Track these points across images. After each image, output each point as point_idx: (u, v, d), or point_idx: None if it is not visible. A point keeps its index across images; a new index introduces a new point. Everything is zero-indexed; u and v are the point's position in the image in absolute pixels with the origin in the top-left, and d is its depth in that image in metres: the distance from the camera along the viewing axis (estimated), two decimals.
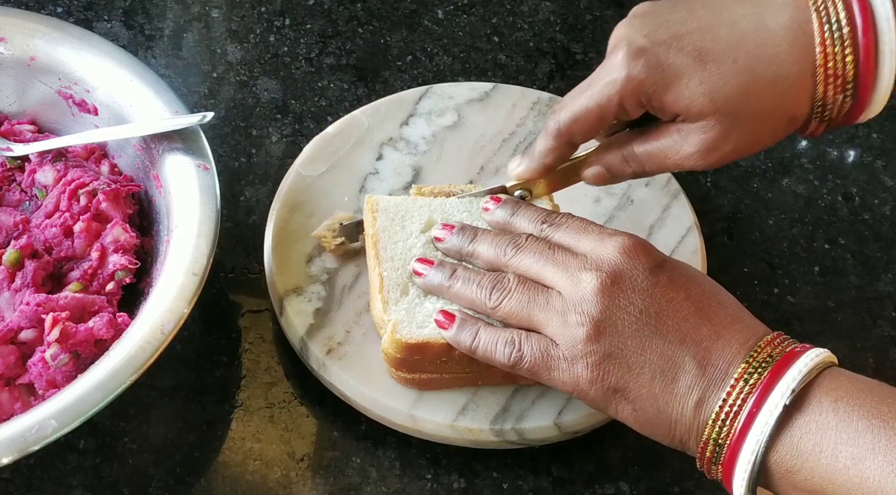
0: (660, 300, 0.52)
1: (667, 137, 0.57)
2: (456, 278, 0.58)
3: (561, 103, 0.59)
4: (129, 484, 0.60)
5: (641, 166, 0.59)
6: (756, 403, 0.48)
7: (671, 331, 0.51)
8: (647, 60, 0.55)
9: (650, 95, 0.55)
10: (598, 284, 0.52)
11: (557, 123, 0.58)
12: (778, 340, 0.51)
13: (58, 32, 0.69)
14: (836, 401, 0.48)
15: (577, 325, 0.52)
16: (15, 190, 0.67)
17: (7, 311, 0.60)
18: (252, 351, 0.66)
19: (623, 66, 0.55)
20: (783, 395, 0.48)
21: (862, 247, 0.75)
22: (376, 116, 0.74)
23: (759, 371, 0.49)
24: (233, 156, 0.76)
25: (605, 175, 0.61)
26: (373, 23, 0.85)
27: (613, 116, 0.57)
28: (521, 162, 0.62)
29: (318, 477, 0.61)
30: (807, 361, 0.49)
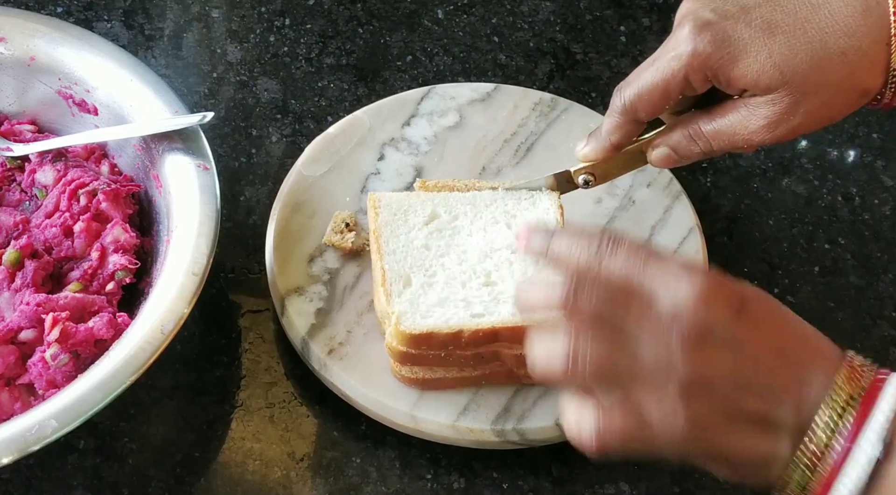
0: (748, 351, 0.48)
1: (734, 113, 0.56)
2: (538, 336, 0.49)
3: (626, 80, 0.58)
4: (129, 484, 0.60)
5: (709, 144, 0.58)
6: (846, 450, 0.46)
7: (762, 383, 0.48)
8: (713, 34, 0.54)
9: (717, 69, 0.55)
10: (685, 344, 0.46)
11: (622, 100, 0.58)
12: (856, 372, 0.47)
13: (58, 32, 0.69)
14: None
15: (668, 381, 0.47)
16: (15, 190, 0.67)
17: (7, 311, 0.60)
18: (252, 351, 0.66)
19: (689, 41, 0.54)
20: (873, 445, 0.45)
21: (862, 247, 0.75)
22: (378, 116, 0.74)
23: (846, 415, 0.46)
24: (233, 156, 0.76)
25: (672, 156, 0.60)
26: (373, 23, 0.85)
27: (679, 91, 0.56)
28: (588, 142, 0.61)
29: (318, 477, 0.61)
30: (890, 402, 0.46)
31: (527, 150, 0.73)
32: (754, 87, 0.54)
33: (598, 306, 0.48)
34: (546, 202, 0.64)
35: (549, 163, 0.72)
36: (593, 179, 0.63)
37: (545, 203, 0.64)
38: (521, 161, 0.72)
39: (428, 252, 0.61)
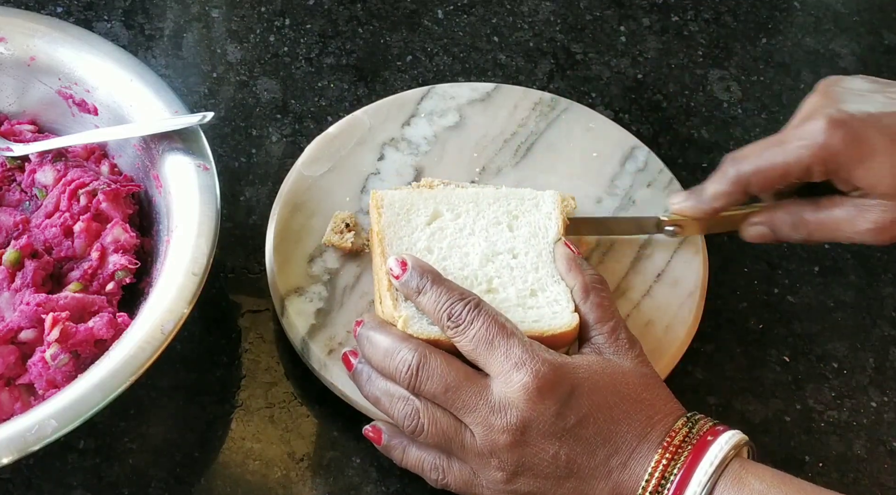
0: (569, 442, 0.52)
1: (842, 209, 0.59)
2: (378, 399, 0.57)
3: (743, 152, 0.61)
4: (129, 484, 0.60)
5: (810, 234, 0.61)
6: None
7: (582, 469, 0.53)
8: (846, 133, 0.56)
9: (840, 166, 0.57)
10: (510, 439, 0.52)
11: (738, 171, 0.60)
12: (672, 454, 0.52)
13: (58, 32, 0.69)
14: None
15: (494, 469, 0.53)
16: (15, 190, 0.67)
17: (7, 311, 0.60)
18: (252, 351, 0.66)
19: (822, 134, 0.57)
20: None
21: (862, 247, 0.75)
22: (378, 116, 0.74)
23: (667, 483, 0.51)
24: (233, 156, 0.76)
25: (769, 235, 0.63)
26: (373, 23, 0.85)
27: (797, 177, 0.59)
28: (688, 199, 0.64)
29: (318, 477, 0.61)
30: (700, 478, 0.51)
31: (527, 150, 0.73)
32: (871, 190, 0.57)
33: (439, 392, 0.53)
34: (549, 205, 0.64)
35: (549, 163, 0.72)
36: (680, 230, 0.65)
37: (548, 206, 0.63)
38: (521, 161, 0.72)
39: (430, 255, 0.61)
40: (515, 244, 0.62)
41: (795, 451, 0.65)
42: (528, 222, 0.63)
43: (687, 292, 0.66)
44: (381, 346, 0.55)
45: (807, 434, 0.65)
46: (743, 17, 0.89)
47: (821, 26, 0.89)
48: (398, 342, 0.55)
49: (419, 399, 0.55)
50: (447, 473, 0.56)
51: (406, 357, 0.54)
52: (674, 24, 0.88)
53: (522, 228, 0.62)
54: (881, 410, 0.67)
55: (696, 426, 0.53)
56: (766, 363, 0.68)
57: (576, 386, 0.53)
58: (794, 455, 0.65)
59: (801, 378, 0.68)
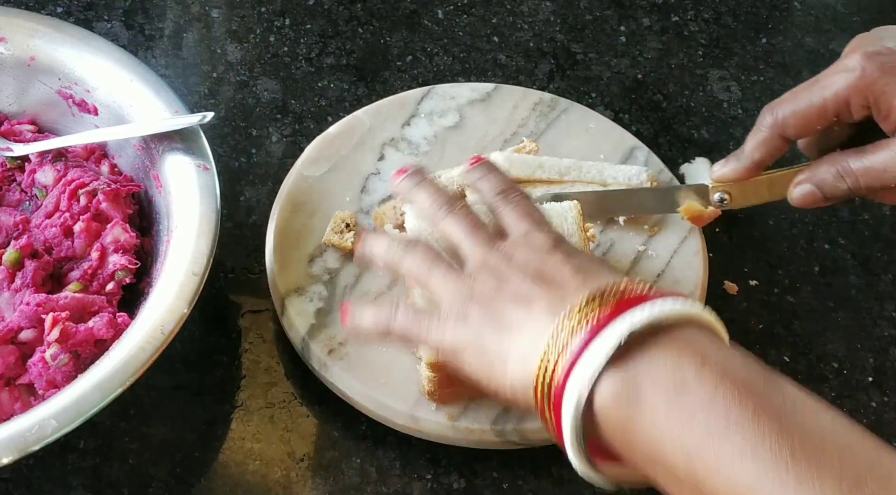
0: (548, 261, 0.49)
1: (887, 150, 0.57)
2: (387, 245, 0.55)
3: (778, 99, 0.59)
4: (129, 484, 0.60)
5: (857, 181, 0.58)
6: (588, 337, 0.43)
7: (543, 279, 0.48)
8: (883, 61, 0.56)
9: (879, 95, 0.56)
10: (489, 241, 0.52)
11: (774, 115, 0.59)
12: (640, 285, 0.46)
13: (58, 32, 0.69)
14: (702, 366, 0.43)
15: (466, 279, 0.51)
16: (15, 190, 0.67)
17: (7, 311, 0.60)
18: (252, 351, 0.66)
19: (858, 64, 0.56)
20: (619, 334, 0.43)
21: (862, 247, 0.75)
22: (378, 117, 0.74)
23: (602, 306, 0.44)
24: (233, 156, 0.76)
25: (815, 194, 0.60)
26: (373, 23, 0.85)
27: (835, 113, 0.57)
28: (727, 162, 0.63)
29: (318, 477, 0.61)
30: (663, 308, 0.44)
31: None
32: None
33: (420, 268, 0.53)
34: (570, 219, 0.63)
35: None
36: (729, 199, 0.64)
37: (569, 219, 0.63)
38: None
39: None
40: None
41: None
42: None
43: (687, 292, 0.66)
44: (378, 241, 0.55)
45: None
46: (743, 17, 0.89)
47: (821, 26, 0.89)
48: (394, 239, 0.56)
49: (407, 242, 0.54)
50: (399, 309, 0.52)
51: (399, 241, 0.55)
52: (674, 24, 0.88)
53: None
54: (881, 410, 0.67)
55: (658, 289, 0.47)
56: (766, 363, 0.68)
57: (558, 240, 0.52)
58: None
59: (801, 378, 0.68)
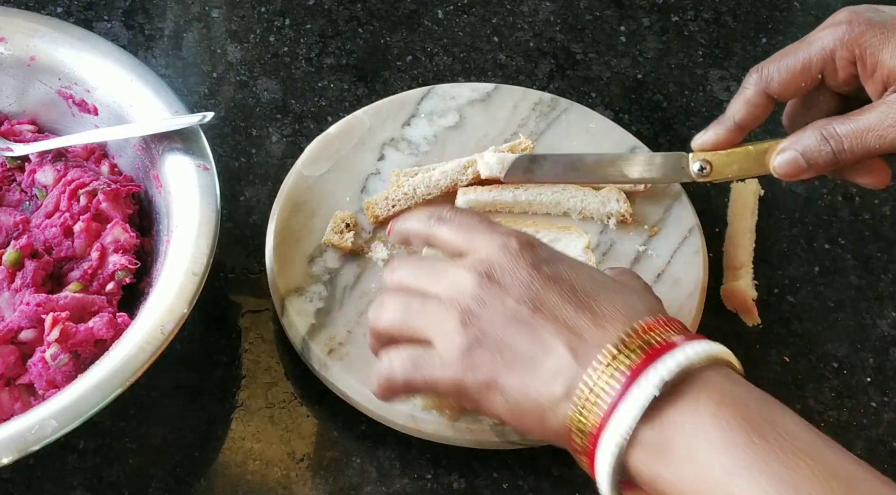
0: (539, 291, 0.49)
1: (872, 112, 0.56)
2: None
3: (768, 58, 0.59)
4: (129, 484, 0.60)
5: (840, 144, 0.56)
6: (623, 389, 0.45)
7: (547, 319, 0.48)
8: (868, 18, 0.56)
9: (865, 48, 0.55)
10: (476, 279, 0.50)
11: (760, 73, 0.58)
12: (662, 326, 0.47)
13: (58, 32, 0.69)
14: (720, 407, 0.45)
15: (451, 321, 0.49)
16: (15, 190, 0.67)
17: (7, 311, 0.60)
18: (252, 351, 0.66)
19: (843, 20, 0.56)
20: (654, 385, 0.44)
21: (862, 247, 0.75)
22: (378, 117, 0.74)
23: (632, 355, 0.46)
24: (233, 156, 0.76)
25: (798, 161, 0.58)
26: (373, 23, 0.85)
27: (819, 69, 0.57)
28: (709, 128, 0.61)
29: (318, 477, 0.61)
30: (689, 353, 0.46)
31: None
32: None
33: (411, 274, 0.53)
34: (577, 248, 0.63)
35: None
36: (709, 169, 0.61)
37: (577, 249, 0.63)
38: None
39: None
40: None
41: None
42: None
43: (687, 292, 0.66)
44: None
45: None
46: (743, 17, 0.89)
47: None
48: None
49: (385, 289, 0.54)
50: (393, 360, 0.51)
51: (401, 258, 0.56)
52: (674, 24, 0.88)
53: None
54: (881, 410, 0.67)
55: (684, 330, 0.49)
56: (766, 363, 0.68)
57: (556, 257, 0.51)
58: None
59: (801, 378, 0.68)
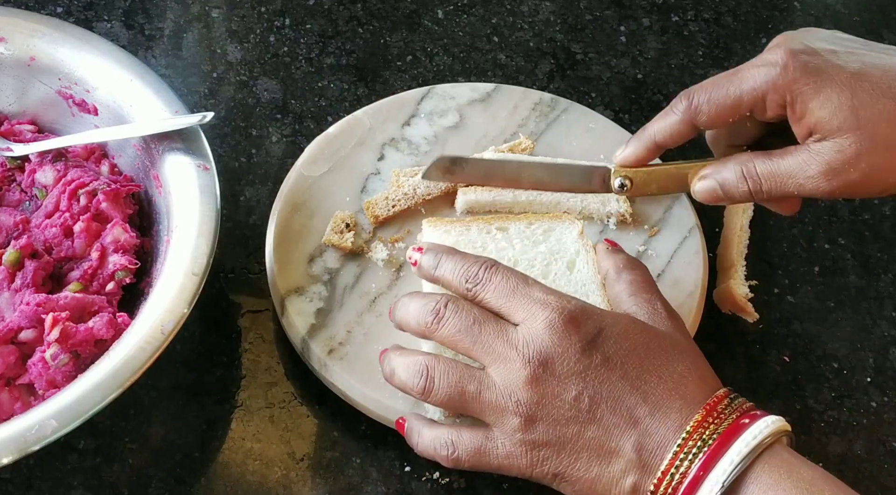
0: (593, 383, 0.50)
1: (794, 156, 0.56)
2: (393, 372, 0.56)
3: (698, 85, 0.58)
4: (129, 484, 0.60)
5: (759, 185, 0.57)
6: (690, 488, 0.49)
7: (605, 416, 0.50)
8: (805, 63, 0.54)
9: (797, 95, 0.54)
10: (530, 373, 0.50)
11: (689, 100, 0.57)
12: (713, 417, 0.50)
13: (58, 32, 0.69)
14: (770, 489, 0.48)
15: (512, 414, 0.51)
16: (15, 190, 0.67)
17: (7, 311, 0.60)
18: (252, 351, 0.66)
19: (781, 59, 0.55)
20: (720, 483, 0.48)
21: (862, 247, 0.75)
22: (378, 117, 0.74)
23: (691, 458, 0.49)
24: (233, 156, 0.76)
25: (716, 191, 0.59)
26: (373, 23, 0.85)
27: (749, 107, 0.56)
28: (628, 145, 0.61)
29: (318, 477, 0.61)
30: (741, 449, 0.49)
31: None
32: (826, 124, 0.54)
33: (464, 326, 0.52)
34: (573, 241, 0.63)
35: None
36: (629, 185, 0.61)
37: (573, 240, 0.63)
38: None
39: None
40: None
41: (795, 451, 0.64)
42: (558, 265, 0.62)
43: (687, 292, 0.66)
44: (413, 301, 0.55)
45: (807, 434, 0.65)
46: (743, 17, 0.89)
47: (821, 26, 0.89)
48: (423, 296, 0.55)
49: (430, 356, 0.54)
50: (457, 444, 0.53)
51: (436, 298, 0.54)
52: (674, 24, 0.88)
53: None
54: (881, 410, 0.67)
55: (738, 399, 0.51)
56: (766, 363, 0.68)
57: (603, 328, 0.51)
58: None
59: (801, 378, 0.68)
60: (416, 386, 0.53)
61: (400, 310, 0.56)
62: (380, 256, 0.67)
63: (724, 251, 0.72)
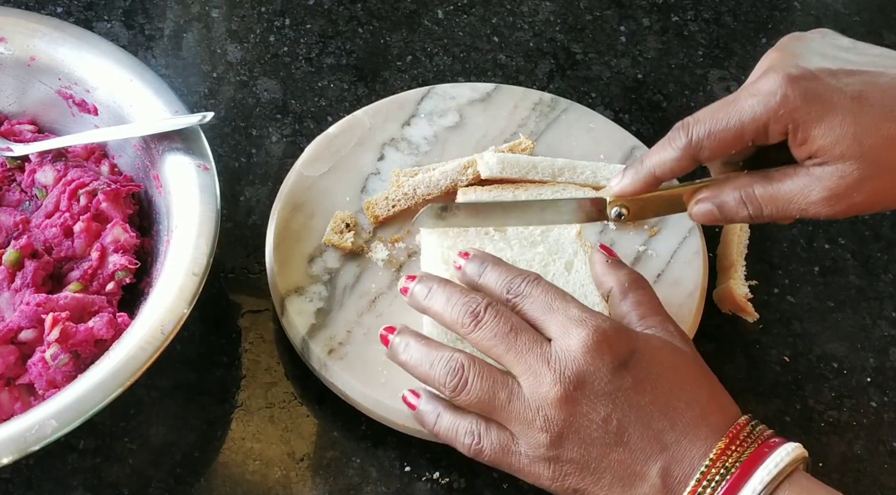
0: (623, 406, 0.51)
1: (795, 180, 0.55)
2: (408, 350, 0.55)
3: (694, 117, 0.56)
4: (129, 484, 0.60)
5: (760, 210, 0.56)
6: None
7: (633, 439, 0.51)
8: (804, 89, 0.53)
9: (799, 123, 0.53)
10: (561, 392, 0.50)
11: (690, 136, 0.55)
12: (736, 445, 0.50)
13: (58, 32, 0.69)
14: None
15: (539, 430, 0.51)
16: (15, 190, 0.67)
17: (7, 311, 0.60)
18: (252, 351, 0.66)
19: (780, 87, 0.53)
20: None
21: (862, 247, 0.75)
22: (378, 116, 0.74)
23: (713, 486, 0.49)
24: (233, 156, 0.76)
25: (714, 214, 0.58)
26: (373, 23, 0.85)
27: (752, 137, 0.54)
28: (625, 175, 0.59)
29: (318, 477, 0.61)
30: (763, 477, 0.49)
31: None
32: (829, 151, 0.53)
33: (501, 331, 0.52)
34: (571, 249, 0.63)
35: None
36: (626, 213, 0.60)
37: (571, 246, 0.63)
38: None
39: None
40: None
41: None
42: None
43: (687, 292, 0.67)
44: (446, 292, 0.54)
45: (807, 434, 0.65)
46: (743, 17, 0.89)
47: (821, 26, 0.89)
48: (467, 291, 0.54)
49: (465, 355, 0.53)
50: (483, 438, 0.53)
51: (477, 299, 0.53)
52: (674, 24, 0.88)
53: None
54: (881, 410, 0.67)
55: (758, 427, 0.52)
56: (766, 363, 0.68)
57: (636, 349, 0.51)
58: None
59: (801, 378, 0.68)
60: (448, 383, 0.53)
61: (433, 298, 0.55)
62: (380, 256, 0.67)
63: (724, 251, 0.72)
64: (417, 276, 0.56)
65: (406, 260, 0.67)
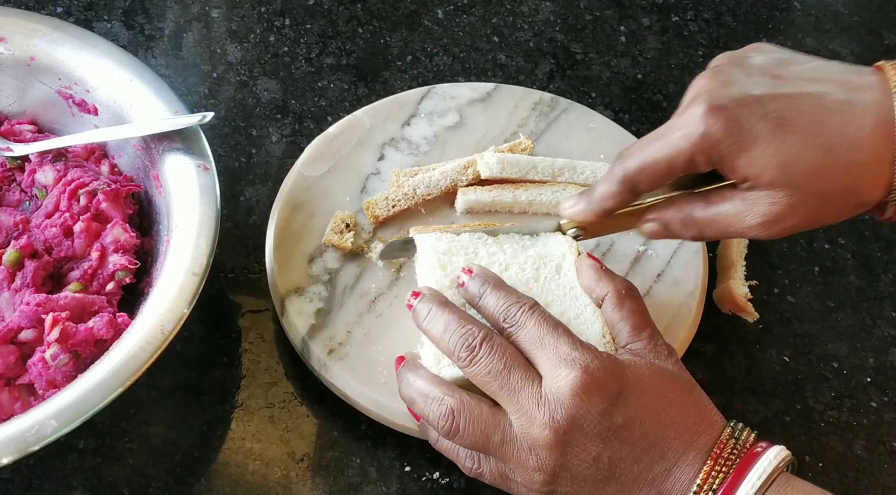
0: (614, 444, 0.51)
1: (730, 204, 0.55)
2: (413, 400, 0.56)
3: (629, 149, 0.57)
4: (129, 484, 0.60)
5: (701, 231, 0.57)
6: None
7: (625, 473, 0.52)
8: (726, 120, 0.53)
9: (723, 156, 0.53)
10: (552, 436, 0.51)
11: (624, 170, 0.56)
12: (721, 464, 0.51)
13: (58, 32, 0.69)
14: None
15: (533, 469, 0.52)
16: (15, 190, 0.67)
17: (7, 311, 0.60)
18: (252, 351, 0.66)
19: (701, 122, 0.53)
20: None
21: (862, 247, 0.75)
22: (378, 116, 0.74)
23: (721, 481, 0.51)
24: (233, 156, 0.76)
25: (661, 233, 0.59)
26: (373, 23, 0.85)
27: (682, 169, 0.55)
28: (578, 203, 0.60)
29: (318, 477, 0.61)
30: (748, 490, 0.50)
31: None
32: (755, 179, 0.54)
33: (495, 368, 0.53)
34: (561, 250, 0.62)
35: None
36: (583, 233, 0.62)
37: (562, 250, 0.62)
38: None
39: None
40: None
41: (795, 451, 0.64)
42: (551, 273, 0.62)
43: (687, 292, 0.67)
44: (444, 319, 0.55)
45: (807, 434, 0.65)
46: (743, 17, 0.89)
47: (821, 26, 0.89)
48: (464, 321, 0.55)
49: (455, 398, 0.54)
50: (483, 464, 0.54)
51: (474, 332, 0.54)
52: (674, 24, 0.88)
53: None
54: (881, 410, 0.67)
55: (741, 437, 0.52)
56: (766, 363, 0.68)
57: (625, 386, 0.52)
58: (795, 455, 0.64)
59: (801, 378, 0.68)
60: (441, 427, 0.54)
61: (431, 322, 0.56)
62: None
63: (724, 251, 0.72)
64: (420, 294, 0.57)
65: (406, 260, 0.67)
